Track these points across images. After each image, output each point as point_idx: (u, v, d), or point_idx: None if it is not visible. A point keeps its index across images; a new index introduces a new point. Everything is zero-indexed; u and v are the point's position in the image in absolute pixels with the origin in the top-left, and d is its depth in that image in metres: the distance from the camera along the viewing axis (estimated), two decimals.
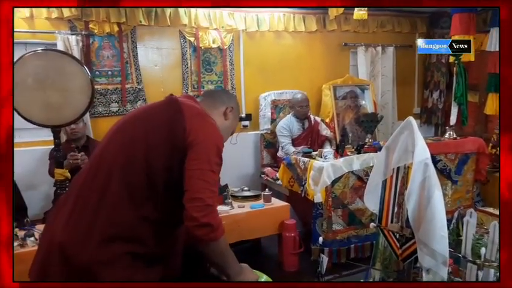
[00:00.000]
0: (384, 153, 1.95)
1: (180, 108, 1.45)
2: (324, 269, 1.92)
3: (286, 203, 3.28)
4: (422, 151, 1.69)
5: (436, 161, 3.39)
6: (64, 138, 3.18)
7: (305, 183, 3.21)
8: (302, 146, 3.95)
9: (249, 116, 4.40)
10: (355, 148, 3.41)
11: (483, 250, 1.71)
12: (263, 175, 4.22)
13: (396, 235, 1.86)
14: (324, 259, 1.93)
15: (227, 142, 1.55)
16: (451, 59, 3.86)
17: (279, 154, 4.19)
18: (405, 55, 5.12)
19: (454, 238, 2.04)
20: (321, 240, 2.91)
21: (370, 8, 4.06)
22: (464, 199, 3.61)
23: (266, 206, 3.13)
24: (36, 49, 2.51)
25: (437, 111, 5.20)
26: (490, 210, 3.06)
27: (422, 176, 1.65)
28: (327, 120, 4.52)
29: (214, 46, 4.13)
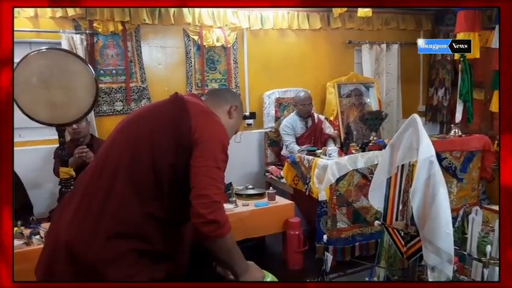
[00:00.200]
0: (389, 151, 1.95)
1: (186, 106, 1.45)
2: (329, 267, 1.92)
3: (290, 201, 3.28)
4: (427, 148, 1.68)
5: (441, 159, 3.37)
6: (69, 137, 3.20)
7: (309, 181, 3.20)
8: (305, 145, 3.94)
9: (253, 115, 4.38)
10: (359, 146, 3.40)
11: (489, 248, 1.70)
12: (267, 173, 4.22)
13: (401, 233, 1.86)
14: (329, 257, 1.92)
15: (231, 140, 1.55)
16: (456, 56, 3.83)
17: (283, 153, 4.19)
18: (410, 53, 5.07)
19: (460, 236, 2.03)
20: (326, 238, 2.89)
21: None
22: (469, 197, 3.59)
23: (270, 204, 3.12)
24: (40, 48, 2.52)
25: (442, 108, 5.17)
26: (496, 208, 3.03)
27: (427, 174, 1.65)
28: (331, 118, 4.51)
29: (218, 44, 4.13)
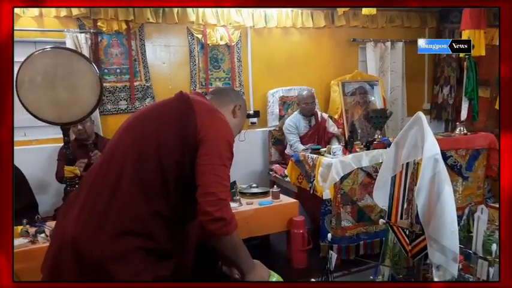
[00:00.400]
0: (393, 149, 1.94)
1: (191, 104, 1.45)
2: (333, 266, 1.91)
3: (294, 200, 3.27)
4: (432, 146, 1.67)
5: (447, 157, 3.35)
6: (73, 136, 3.21)
7: (314, 179, 3.20)
8: (309, 144, 3.93)
9: (257, 113, 4.39)
10: (364, 144, 3.39)
11: (494, 246, 1.68)
12: (271, 172, 4.22)
13: (406, 231, 1.85)
14: (333, 256, 1.92)
15: (235, 139, 1.55)
16: (462, 54, 3.81)
17: (287, 151, 4.18)
18: (415, 50, 4.93)
19: (465, 234, 2.02)
20: (330, 236, 2.88)
21: None
22: (475, 195, 3.57)
23: (274, 203, 3.12)
24: (45, 47, 2.53)
25: (447, 106, 5.14)
26: None
27: (432, 172, 1.63)
28: (336, 116, 4.50)
29: (222, 43, 4.13)
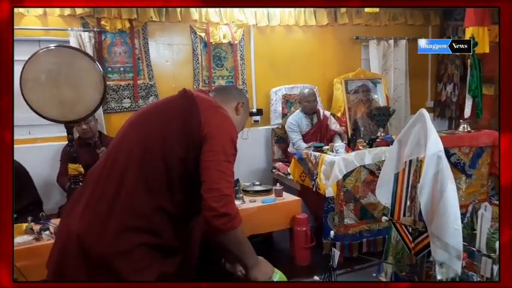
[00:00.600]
0: (396, 146, 1.94)
1: (195, 101, 1.46)
2: (336, 263, 1.92)
3: (297, 198, 3.28)
4: (435, 144, 1.67)
5: (450, 155, 3.34)
6: (77, 134, 3.22)
7: (316, 177, 3.20)
8: (311, 142, 3.93)
9: (260, 111, 4.38)
10: (367, 142, 3.39)
11: (498, 244, 1.68)
12: (274, 170, 4.22)
13: (409, 229, 1.85)
14: (336, 253, 1.92)
15: (238, 137, 1.55)
16: None
17: (290, 149, 4.18)
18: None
19: (469, 232, 2.02)
20: (333, 234, 2.90)
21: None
22: (478, 193, 3.55)
23: (277, 201, 3.12)
24: (49, 46, 2.54)
25: (451, 104, 5.13)
26: None
27: (435, 169, 1.64)
28: (339, 114, 4.49)
29: (224, 41, 4.13)
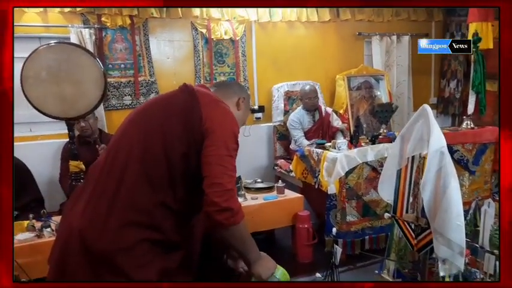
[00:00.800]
0: (399, 142, 1.92)
1: (196, 96, 1.45)
2: (338, 260, 1.91)
3: (299, 195, 3.26)
4: (437, 140, 1.65)
5: (453, 151, 3.32)
6: (77, 132, 3.21)
7: (319, 174, 3.18)
8: (313, 139, 3.91)
9: (262, 108, 4.37)
10: (369, 139, 3.37)
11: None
12: (276, 167, 4.21)
13: (411, 225, 1.84)
14: (338, 250, 1.92)
15: (240, 134, 1.54)
16: None
17: (292, 146, 4.17)
18: None
19: (472, 229, 2.00)
20: (335, 231, 2.87)
21: None
22: (482, 190, 3.53)
23: (279, 198, 3.12)
24: (49, 42, 2.53)
25: (454, 101, 5.09)
26: None
27: (438, 165, 1.62)
28: (341, 111, 4.47)
29: (226, 37, 4.11)
